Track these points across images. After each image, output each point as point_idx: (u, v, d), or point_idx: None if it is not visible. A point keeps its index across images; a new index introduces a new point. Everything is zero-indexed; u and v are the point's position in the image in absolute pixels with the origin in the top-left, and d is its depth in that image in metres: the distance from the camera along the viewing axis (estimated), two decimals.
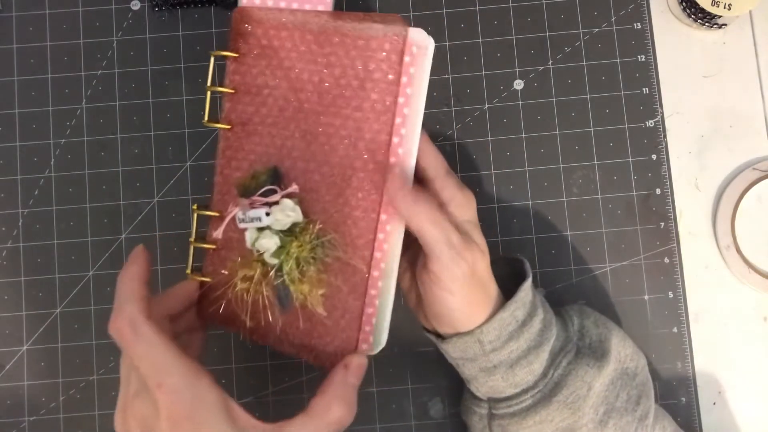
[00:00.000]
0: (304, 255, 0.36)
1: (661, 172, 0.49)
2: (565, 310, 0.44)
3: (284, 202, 0.36)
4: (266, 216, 0.36)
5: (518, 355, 0.39)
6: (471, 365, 0.39)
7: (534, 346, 0.39)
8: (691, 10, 0.48)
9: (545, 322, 0.40)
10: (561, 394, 0.39)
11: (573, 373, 0.39)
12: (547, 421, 0.39)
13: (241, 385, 0.48)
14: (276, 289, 0.37)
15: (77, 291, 0.48)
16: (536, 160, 0.49)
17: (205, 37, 0.50)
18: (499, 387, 0.39)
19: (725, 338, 0.48)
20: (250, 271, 0.37)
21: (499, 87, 0.50)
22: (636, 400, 0.40)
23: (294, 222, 0.36)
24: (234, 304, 0.37)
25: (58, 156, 0.49)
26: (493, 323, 0.38)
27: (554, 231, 0.49)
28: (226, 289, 0.37)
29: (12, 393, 0.48)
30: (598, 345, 0.41)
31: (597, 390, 0.39)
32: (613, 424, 0.39)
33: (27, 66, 0.50)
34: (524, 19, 0.50)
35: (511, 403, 0.39)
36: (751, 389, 0.48)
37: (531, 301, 0.40)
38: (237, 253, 0.38)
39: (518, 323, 0.38)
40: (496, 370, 0.39)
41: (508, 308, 0.38)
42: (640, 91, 0.49)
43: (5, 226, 0.49)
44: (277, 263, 0.36)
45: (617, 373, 0.40)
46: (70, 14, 0.50)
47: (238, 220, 0.37)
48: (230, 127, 0.38)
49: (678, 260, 0.48)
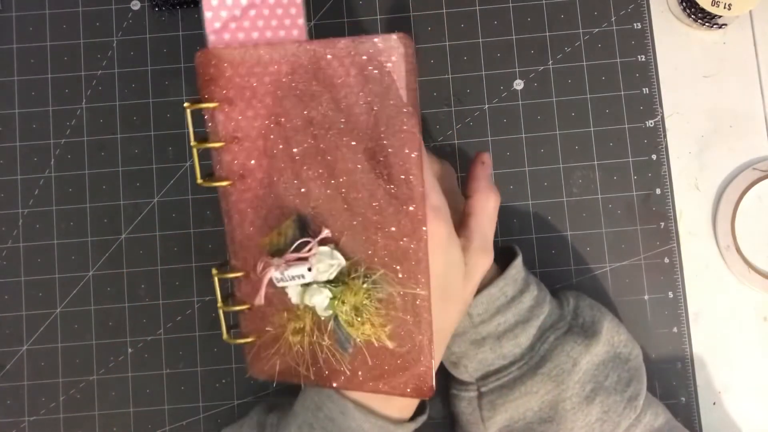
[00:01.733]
0: (359, 300, 0.33)
1: (661, 172, 0.49)
2: (563, 292, 0.45)
3: (321, 250, 0.33)
4: (308, 271, 0.33)
5: (505, 328, 0.40)
6: (461, 340, 0.41)
7: (522, 321, 0.41)
8: (691, 10, 0.48)
9: (537, 299, 0.41)
10: (545, 367, 0.40)
11: (559, 347, 0.40)
12: (532, 392, 0.40)
13: (241, 385, 0.48)
14: (335, 335, 0.34)
15: (77, 291, 0.48)
16: (536, 160, 0.49)
17: (205, 37, 0.50)
18: (488, 359, 0.41)
19: (725, 338, 0.48)
20: (299, 323, 0.35)
21: (499, 87, 0.50)
22: (627, 382, 0.41)
23: (338, 270, 0.33)
24: (288, 357, 0.35)
25: (58, 156, 0.49)
26: (482, 297, 0.40)
27: (554, 231, 0.49)
28: (278, 347, 0.35)
29: (12, 393, 0.48)
30: (590, 326, 0.42)
31: (584, 367, 0.40)
32: (600, 401, 0.40)
33: (27, 66, 0.50)
34: (524, 19, 0.50)
35: (499, 376, 0.41)
36: (751, 389, 0.48)
37: (523, 278, 0.41)
38: (275, 308, 0.35)
39: (507, 298, 0.40)
40: (484, 342, 0.40)
41: (497, 284, 0.40)
42: (640, 91, 0.49)
43: (5, 226, 0.49)
44: (331, 314, 0.34)
45: (609, 356, 0.41)
46: (70, 14, 0.50)
47: (275, 280, 0.34)
48: (231, 183, 0.35)
49: (678, 260, 0.48)
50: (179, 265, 0.48)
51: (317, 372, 0.35)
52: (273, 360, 0.36)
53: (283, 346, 0.35)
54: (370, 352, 0.34)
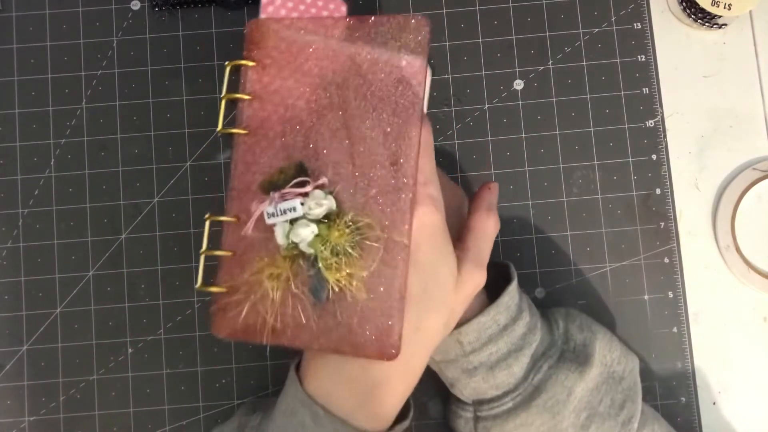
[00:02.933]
0: (343, 240, 0.35)
1: (661, 172, 0.49)
2: (551, 313, 0.44)
3: (315, 193, 0.35)
4: (300, 205, 0.35)
5: (498, 357, 0.39)
6: (453, 367, 0.40)
7: (515, 349, 0.39)
8: (691, 10, 0.48)
9: (529, 326, 0.40)
10: (540, 398, 0.39)
11: (553, 377, 0.40)
12: (527, 424, 0.39)
13: (241, 385, 0.48)
14: (310, 282, 0.35)
15: (77, 291, 0.48)
16: (536, 160, 0.49)
17: (205, 37, 0.50)
18: (481, 388, 0.40)
19: (725, 338, 0.48)
20: (277, 269, 0.36)
21: (499, 87, 0.50)
22: (620, 405, 0.40)
23: (328, 210, 0.35)
24: (259, 308, 0.36)
25: (58, 156, 0.49)
26: (472, 325, 0.39)
27: (554, 231, 0.49)
28: (249, 291, 0.36)
29: (12, 393, 0.48)
30: (582, 349, 0.41)
31: (579, 395, 0.39)
32: (595, 428, 0.39)
33: (27, 66, 0.50)
34: (524, 19, 0.50)
35: (493, 405, 0.40)
36: (751, 389, 0.48)
37: (517, 304, 0.40)
38: (257, 256, 0.36)
39: (499, 327, 0.39)
40: (476, 371, 0.39)
41: (488, 313, 0.39)
42: (640, 91, 0.49)
43: (5, 226, 0.49)
44: (312, 252, 0.35)
45: (602, 378, 0.41)
46: (70, 14, 0.50)
47: (267, 215, 0.36)
48: (248, 132, 0.37)
49: (678, 260, 0.48)
50: (179, 265, 0.48)
51: (282, 328, 0.36)
52: (241, 307, 0.36)
53: (255, 289, 0.36)
54: (341, 307, 0.35)
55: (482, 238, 0.38)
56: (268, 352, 0.48)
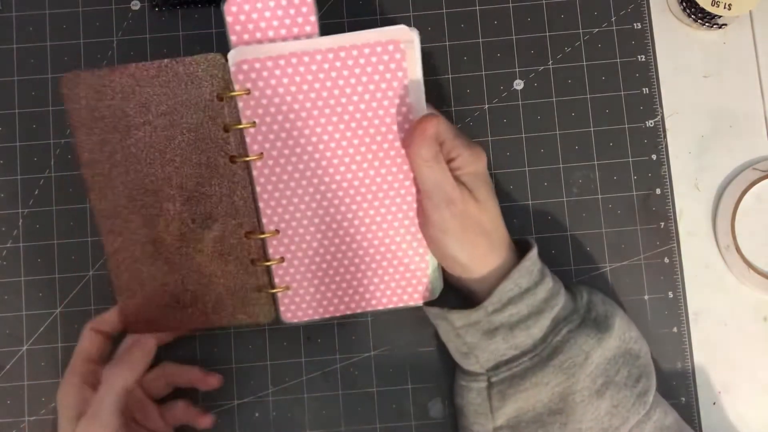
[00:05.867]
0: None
1: (661, 172, 0.49)
2: (575, 286, 0.45)
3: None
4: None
5: (519, 318, 0.41)
6: (473, 330, 0.41)
7: (535, 312, 0.41)
8: (691, 10, 0.48)
9: (552, 292, 0.42)
10: (557, 359, 0.40)
11: (572, 340, 0.41)
12: (542, 383, 0.40)
13: (241, 385, 0.48)
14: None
15: (77, 291, 0.48)
16: (536, 160, 0.49)
17: (205, 37, 0.50)
18: (500, 349, 0.41)
19: (725, 338, 0.48)
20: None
21: (499, 87, 0.50)
22: (637, 378, 0.41)
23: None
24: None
25: (58, 156, 0.49)
26: (495, 290, 0.41)
27: (554, 231, 0.49)
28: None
29: (12, 393, 0.48)
30: (603, 320, 0.43)
31: (596, 360, 0.40)
32: (610, 396, 0.40)
33: (27, 66, 0.50)
34: (524, 19, 0.50)
35: (511, 366, 0.41)
36: (751, 389, 0.48)
37: (540, 270, 0.42)
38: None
39: (521, 290, 0.41)
40: (497, 332, 0.41)
41: (511, 277, 0.41)
42: (640, 91, 0.49)
43: (5, 226, 0.49)
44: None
45: (620, 351, 0.42)
46: (70, 14, 0.50)
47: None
48: (261, 155, 0.42)
49: (678, 260, 0.48)
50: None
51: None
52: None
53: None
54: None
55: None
56: (268, 352, 0.48)
